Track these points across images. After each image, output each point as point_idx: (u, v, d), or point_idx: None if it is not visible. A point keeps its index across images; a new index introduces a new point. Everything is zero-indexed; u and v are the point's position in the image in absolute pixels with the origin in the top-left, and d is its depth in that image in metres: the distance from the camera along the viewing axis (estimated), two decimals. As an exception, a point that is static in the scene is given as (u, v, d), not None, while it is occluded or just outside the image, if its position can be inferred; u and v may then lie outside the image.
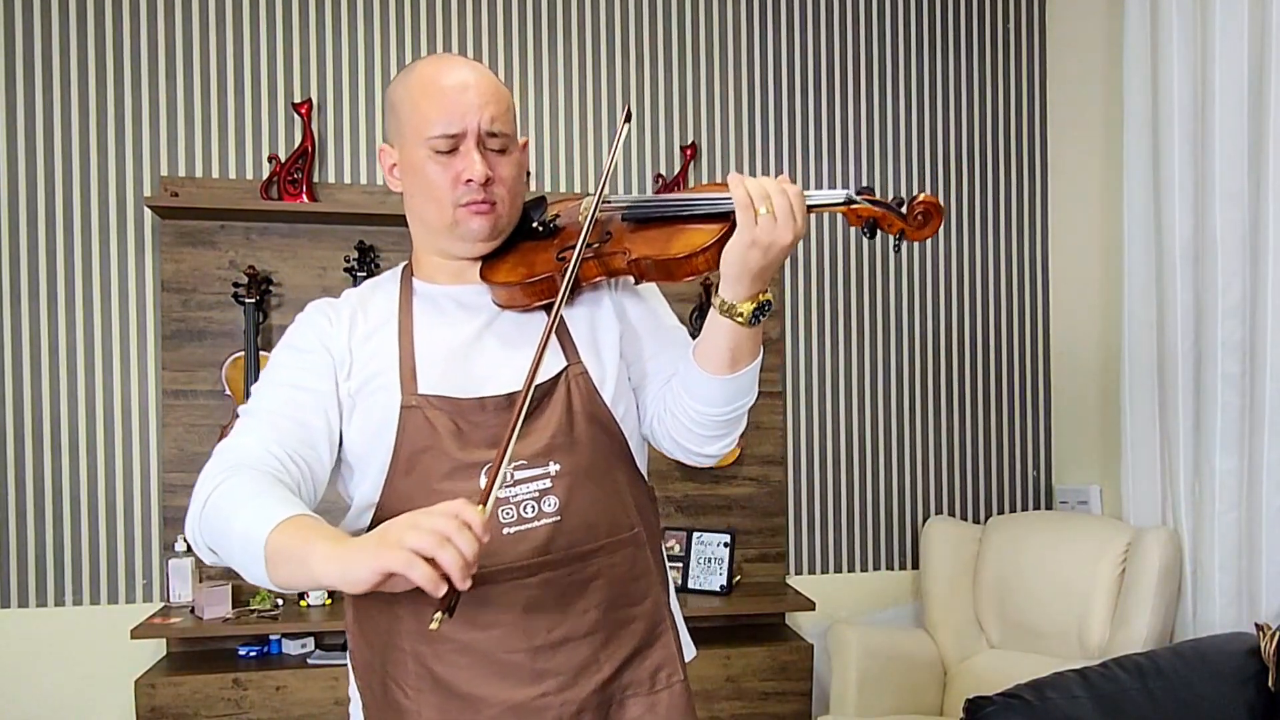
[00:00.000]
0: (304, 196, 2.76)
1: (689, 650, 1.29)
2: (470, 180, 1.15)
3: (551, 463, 1.13)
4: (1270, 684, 1.95)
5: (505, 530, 1.10)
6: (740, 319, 1.12)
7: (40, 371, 2.71)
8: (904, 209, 1.12)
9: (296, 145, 2.82)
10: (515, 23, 2.99)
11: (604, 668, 1.15)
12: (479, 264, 1.24)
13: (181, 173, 2.79)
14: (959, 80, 3.27)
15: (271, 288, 2.78)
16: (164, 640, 2.70)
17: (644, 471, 1.28)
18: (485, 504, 0.92)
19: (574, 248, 1.17)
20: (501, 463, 0.98)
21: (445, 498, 1.03)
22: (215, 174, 2.81)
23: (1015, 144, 3.31)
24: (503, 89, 1.20)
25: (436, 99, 1.15)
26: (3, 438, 2.68)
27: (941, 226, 3.23)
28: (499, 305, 1.23)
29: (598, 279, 1.24)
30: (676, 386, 1.23)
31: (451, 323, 1.22)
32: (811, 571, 3.15)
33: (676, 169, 3.06)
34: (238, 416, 1.14)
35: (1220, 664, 1.99)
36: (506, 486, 1.11)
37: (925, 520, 3.12)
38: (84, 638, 2.70)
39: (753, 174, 3.24)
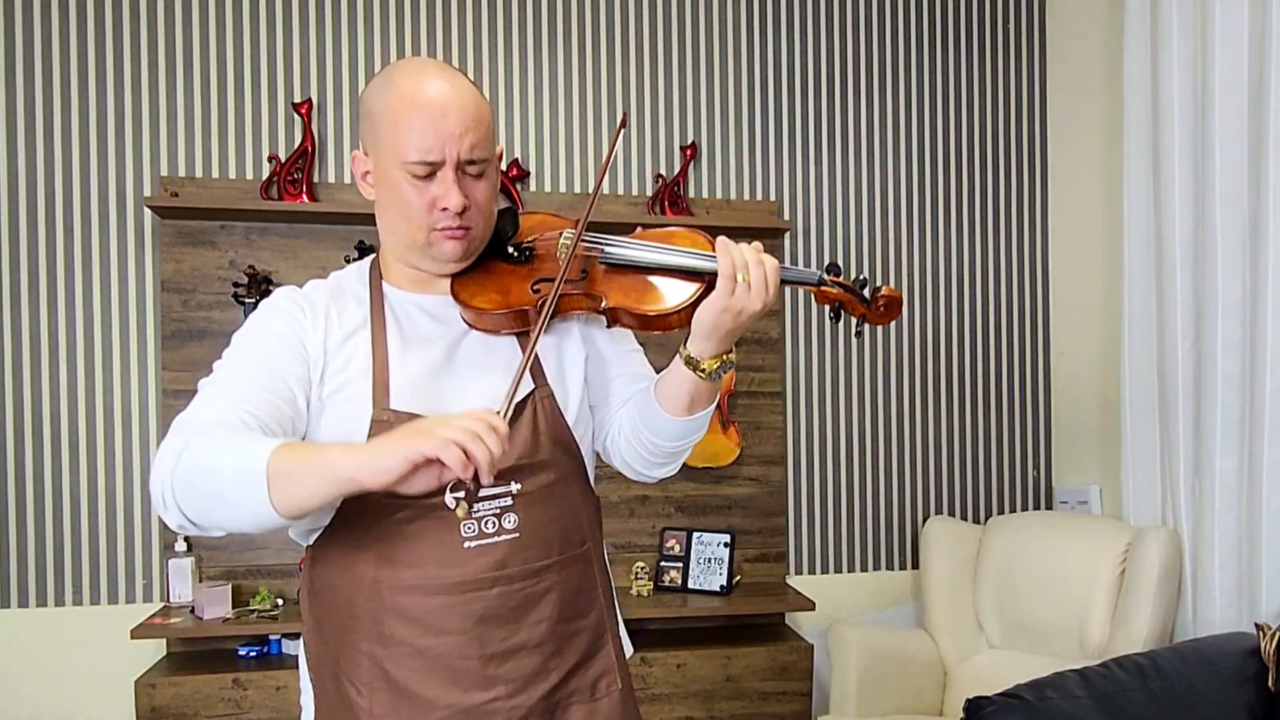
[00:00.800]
0: (304, 196, 2.76)
1: (627, 648, 1.33)
2: (445, 209, 1.15)
3: (514, 483, 1.17)
4: (1270, 684, 1.95)
5: (466, 544, 1.14)
6: (702, 374, 1.18)
7: (40, 371, 2.71)
8: (866, 292, 1.20)
9: (296, 145, 2.82)
10: (515, 22, 2.99)
11: (551, 676, 1.20)
12: (449, 276, 1.24)
13: (181, 173, 2.79)
14: (959, 80, 3.27)
15: (271, 288, 2.78)
16: (164, 640, 2.70)
17: (592, 483, 1.33)
18: (505, 414, 1.00)
19: (549, 280, 1.19)
20: (532, 350, 1.09)
21: (405, 510, 1.10)
22: (215, 174, 2.81)
23: (1015, 144, 3.31)
24: (483, 109, 1.17)
25: (417, 124, 1.12)
26: (3, 437, 2.68)
27: (942, 228, 3.24)
28: (467, 324, 1.24)
29: (571, 314, 1.25)
30: (633, 415, 1.28)
31: (423, 338, 1.22)
32: (811, 571, 3.15)
33: (676, 169, 3.06)
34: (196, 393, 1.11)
35: (1220, 664, 1.99)
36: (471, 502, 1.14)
37: (925, 520, 3.12)
38: (84, 638, 2.70)
39: (752, 174, 3.24)
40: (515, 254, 1.25)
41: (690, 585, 2.93)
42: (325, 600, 1.19)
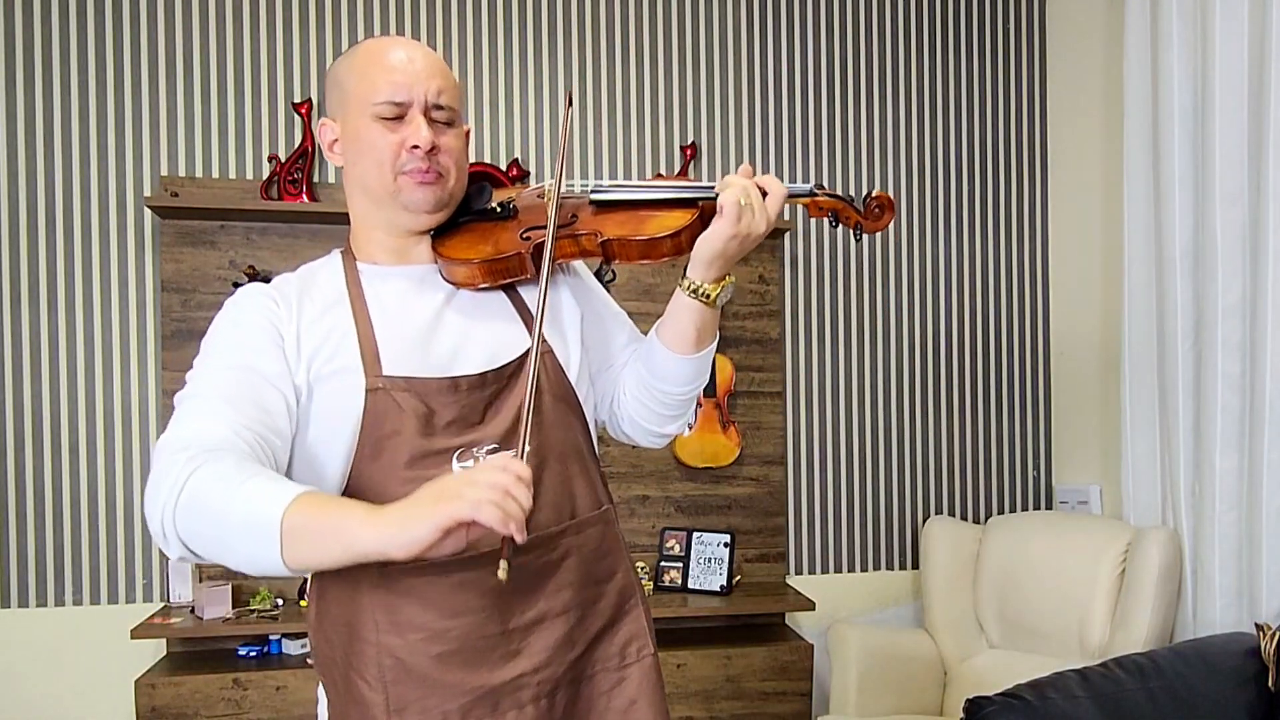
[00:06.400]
0: (304, 196, 2.76)
1: None
2: (415, 147, 1.13)
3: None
4: (1270, 684, 1.95)
5: None
6: (707, 300, 1.19)
7: (40, 372, 2.71)
8: (859, 203, 1.23)
9: (296, 145, 2.82)
10: (515, 23, 2.99)
11: (578, 645, 1.16)
12: (426, 241, 1.22)
13: (181, 173, 2.80)
14: (959, 80, 3.27)
15: (271, 288, 2.78)
16: (164, 640, 2.70)
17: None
18: (522, 455, 0.95)
19: (540, 228, 1.19)
20: (528, 417, 0.99)
21: (415, 484, 0.95)
22: (215, 174, 2.81)
23: (1015, 144, 3.31)
24: (449, 71, 1.20)
25: (385, 68, 1.14)
26: (3, 438, 2.68)
27: (942, 227, 3.24)
28: (454, 283, 1.21)
29: (566, 259, 1.24)
30: (638, 369, 1.27)
31: (408, 299, 1.18)
32: (811, 571, 3.15)
33: (677, 169, 3.06)
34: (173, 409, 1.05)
35: (1220, 664, 1.99)
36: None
37: (925, 520, 3.12)
38: (84, 638, 2.70)
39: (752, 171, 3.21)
40: (498, 209, 1.24)
41: (690, 585, 2.93)
42: (331, 594, 1.15)
